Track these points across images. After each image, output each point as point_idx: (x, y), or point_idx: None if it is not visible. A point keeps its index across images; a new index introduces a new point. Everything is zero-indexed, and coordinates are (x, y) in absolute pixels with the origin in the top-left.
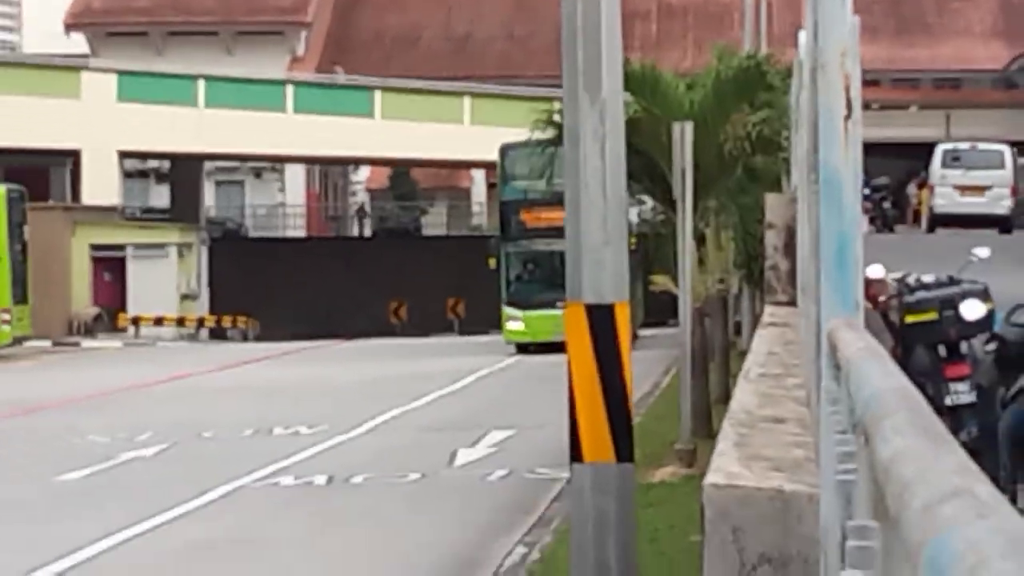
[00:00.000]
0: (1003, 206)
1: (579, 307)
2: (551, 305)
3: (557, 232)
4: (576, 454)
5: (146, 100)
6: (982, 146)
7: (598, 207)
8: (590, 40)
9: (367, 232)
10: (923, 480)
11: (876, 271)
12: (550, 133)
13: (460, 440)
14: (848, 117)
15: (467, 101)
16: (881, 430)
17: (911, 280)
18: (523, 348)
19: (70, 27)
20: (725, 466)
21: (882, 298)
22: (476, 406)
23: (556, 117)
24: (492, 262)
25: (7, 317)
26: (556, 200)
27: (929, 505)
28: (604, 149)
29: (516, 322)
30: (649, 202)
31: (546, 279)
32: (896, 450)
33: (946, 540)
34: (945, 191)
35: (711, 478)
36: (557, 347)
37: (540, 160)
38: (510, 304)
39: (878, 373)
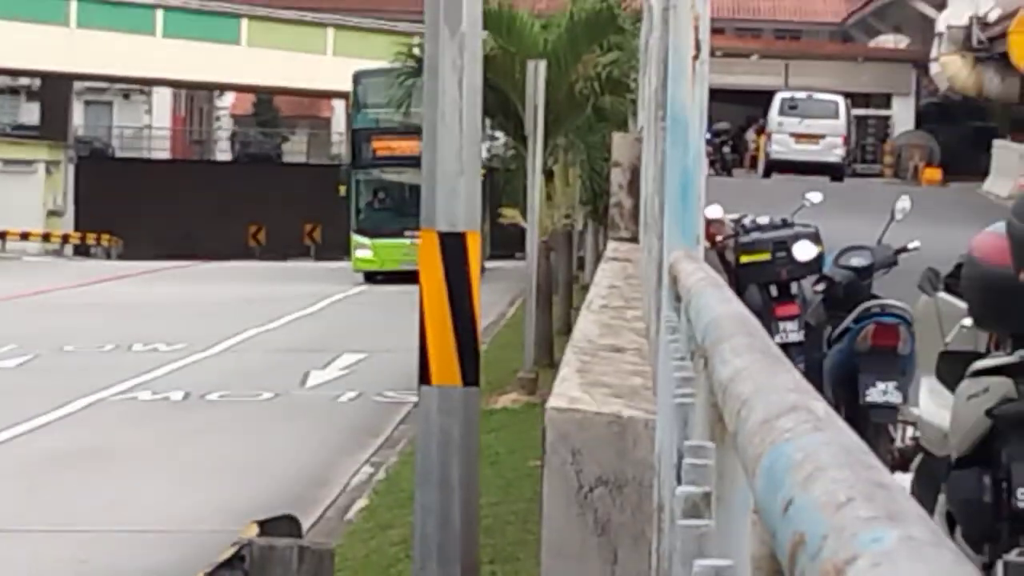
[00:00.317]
0: (836, 154)
1: (432, 234)
2: (399, 234)
3: (407, 161)
4: (424, 377)
5: (18, 18)
6: (818, 96)
7: (454, 137)
8: None
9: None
10: (761, 396)
11: (714, 211)
12: (409, 66)
13: (312, 362)
14: (696, 57)
15: (331, 33)
16: (720, 352)
17: (747, 221)
18: (370, 277)
19: None
20: (567, 391)
21: (719, 238)
22: (329, 330)
23: (416, 51)
24: (342, 189)
25: None
26: (407, 130)
27: (767, 419)
28: (462, 81)
29: (364, 250)
30: (501, 137)
31: (395, 208)
32: (735, 370)
33: (784, 449)
34: (782, 138)
35: (553, 402)
36: (404, 276)
37: (399, 91)
38: (359, 232)
39: (717, 300)
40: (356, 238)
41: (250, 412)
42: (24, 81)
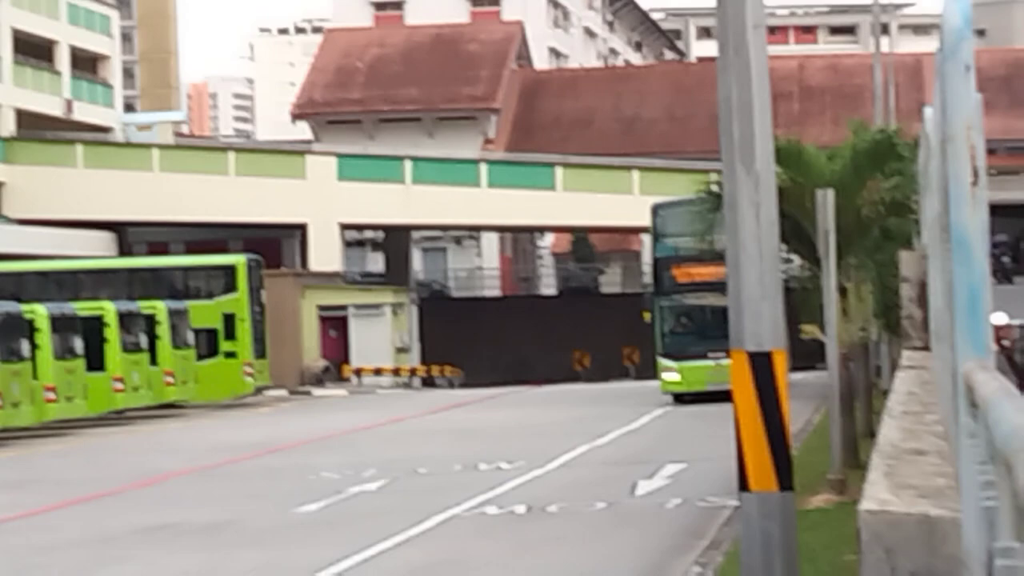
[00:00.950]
0: None
1: (742, 354)
2: (703, 356)
3: (707, 287)
4: (744, 484)
5: (361, 179)
6: None
7: (755, 265)
8: (744, 118)
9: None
10: None
11: (1000, 318)
12: (708, 200)
13: (639, 472)
14: (975, 183)
15: (636, 174)
16: (1022, 461)
17: None
18: (678, 397)
19: (296, 117)
20: (876, 494)
21: (1006, 342)
22: (652, 443)
23: (713, 187)
24: (647, 316)
25: (250, 370)
26: (705, 256)
27: None
28: (759, 214)
29: (671, 373)
30: (796, 260)
31: (697, 331)
32: None
33: None
34: None
35: (865, 505)
36: (710, 396)
37: (701, 224)
38: (664, 356)
39: (1014, 410)
40: (662, 361)
41: (586, 521)
42: (369, 234)
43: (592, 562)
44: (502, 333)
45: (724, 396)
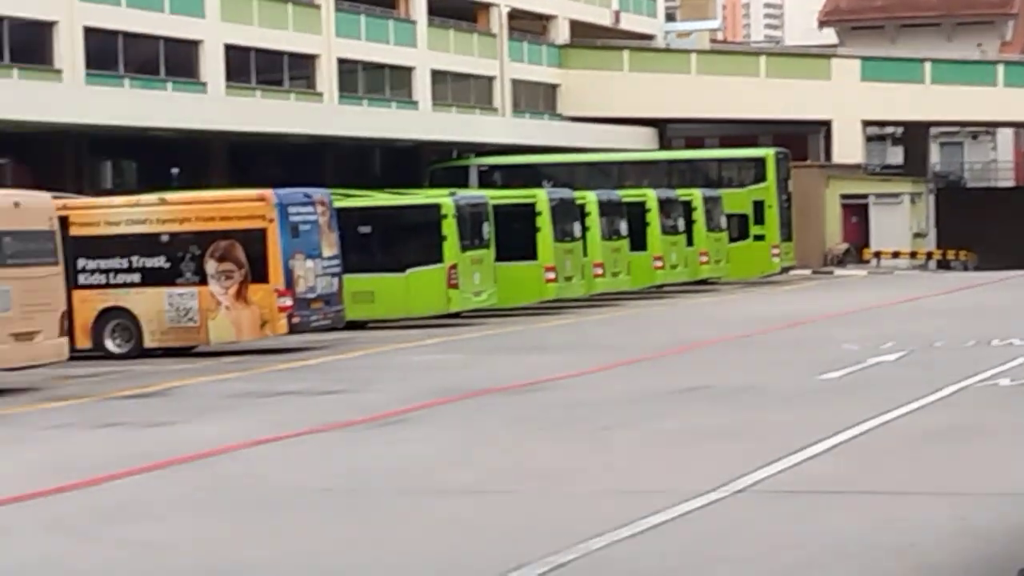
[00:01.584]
0: None
1: None
2: None
3: None
4: None
5: (883, 79)
6: None
7: None
8: None
9: None
10: None
11: None
12: None
13: None
14: None
15: None
16: None
17: None
18: None
19: (822, 23)
20: None
21: None
22: None
23: None
24: None
25: (776, 251)
26: None
27: None
28: None
29: None
30: None
31: None
32: None
33: None
34: None
35: None
36: None
37: None
38: None
39: None
40: None
41: None
42: (889, 130)
43: None
44: (1015, 221)
45: None
